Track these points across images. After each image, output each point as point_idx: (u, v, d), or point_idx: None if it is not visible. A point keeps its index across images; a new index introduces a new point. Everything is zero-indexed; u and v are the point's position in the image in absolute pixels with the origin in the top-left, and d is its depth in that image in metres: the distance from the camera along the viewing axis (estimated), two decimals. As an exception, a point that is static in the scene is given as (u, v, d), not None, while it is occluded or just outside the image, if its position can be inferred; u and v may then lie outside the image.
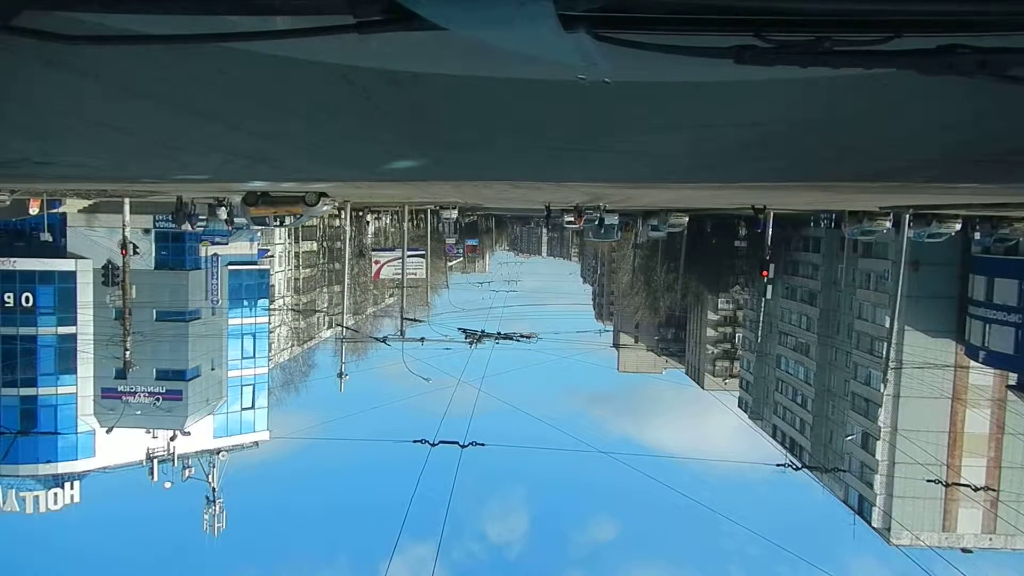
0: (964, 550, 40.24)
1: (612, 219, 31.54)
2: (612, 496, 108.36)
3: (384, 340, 38.92)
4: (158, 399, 41.32)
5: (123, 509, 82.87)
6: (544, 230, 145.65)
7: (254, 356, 48.03)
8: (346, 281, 46.14)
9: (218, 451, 43.30)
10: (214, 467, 43.13)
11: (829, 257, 53.53)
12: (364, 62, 3.37)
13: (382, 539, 67.18)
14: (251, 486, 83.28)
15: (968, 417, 43.30)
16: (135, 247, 32.75)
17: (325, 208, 20.76)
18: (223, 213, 30.87)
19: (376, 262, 53.60)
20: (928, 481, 34.86)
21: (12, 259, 38.64)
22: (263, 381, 48.77)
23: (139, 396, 41.04)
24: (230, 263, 45.06)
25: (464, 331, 36.61)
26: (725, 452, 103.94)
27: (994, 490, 40.39)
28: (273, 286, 54.19)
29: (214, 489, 42.18)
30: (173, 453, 42.31)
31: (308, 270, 63.32)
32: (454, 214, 48.34)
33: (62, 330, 40.28)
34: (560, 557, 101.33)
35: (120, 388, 40.76)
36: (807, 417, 56.94)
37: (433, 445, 21.36)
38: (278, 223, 22.02)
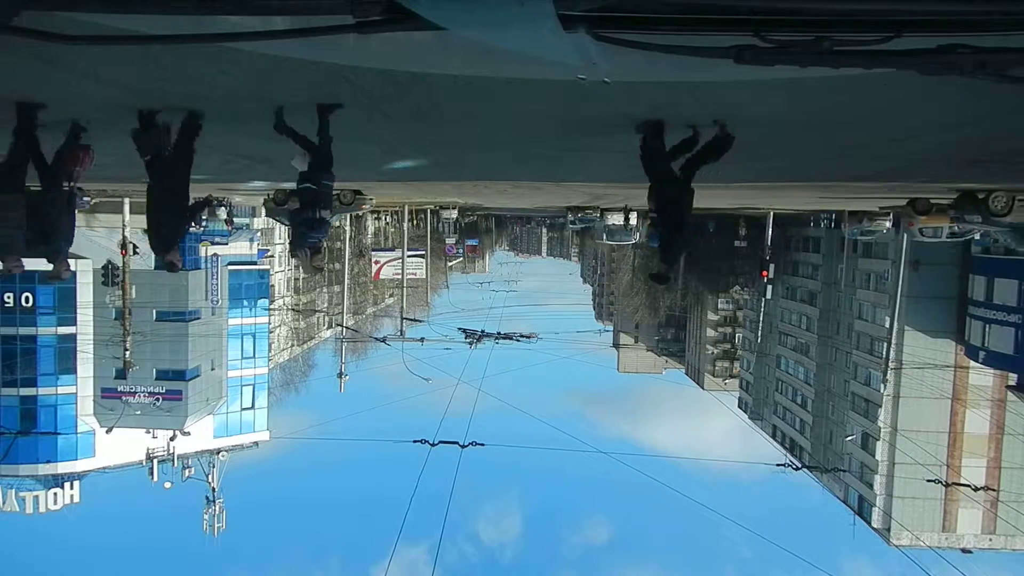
0: (964, 550, 40.22)
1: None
2: (612, 496, 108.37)
3: (384, 340, 38.90)
4: (158, 399, 41.29)
5: (123, 509, 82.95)
6: (544, 230, 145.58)
7: (254, 356, 48.00)
8: (346, 281, 46.14)
9: (218, 451, 43.23)
10: (214, 467, 43.08)
11: (829, 257, 53.51)
12: (364, 62, 3.37)
13: (380, 540, 67.22)
14: (251, 486, 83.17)
15: (968, 417, 43.27)
16: (135, 247, 32.67)
17: None
18: (223, 213, 30.85)
19: (376, 262, 53.53)
20: (928, 481, 34.79)
21: (12, 259, 38.58)
22: (263, 381, 48.73)
23: (139, 396, 41.00)
24: (230, 263, 45.05)
25: (464, 331, 36.55)
26: (725, 452, 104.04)
27: (994, 490, 40.36)
28: (273, 286, 54.16)
29: (214, 489, 42.13)
30: (173, 453, 42.26)
31: (308, 270, 63.28)
32: (454, 214, 48.32)
33: (62, 330, 40.25)
34: (559, 558, 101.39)
35: (120, 388, 40.72)
36: (807, 417, 56.93)
37: (433, 445, 21.27)
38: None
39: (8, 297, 39.27)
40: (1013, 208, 13.47)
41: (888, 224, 30.66)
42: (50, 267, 5.91)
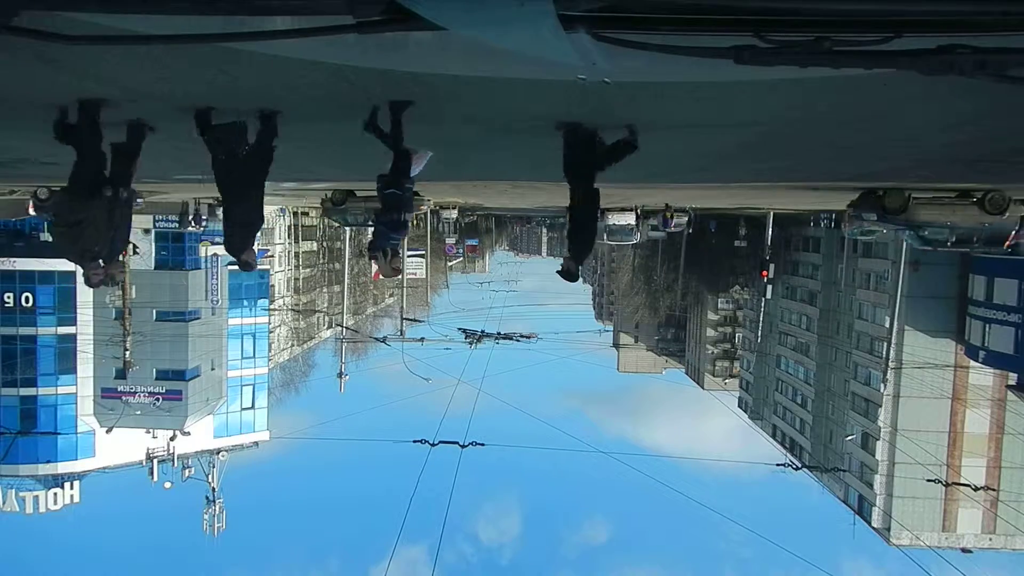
0: (964, 550, 40.21)
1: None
2: (612, 496, 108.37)
3: (384, 340, 38.89)
4: (158, 399, 41.29)
5: (123, 509, 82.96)
6: (544, 230, 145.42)
7: (254, 356, 48.00)
8: (346, 281, 46.14)
9: (218, 451, 43.22)
10: (214, 467, 43.09)
11: (829, 257, 53.51)
12: (364, 62, 3.37)
13: (380, 540, 67.21)
14: (251, 486, 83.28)
15: (968, 417, 43.26)
16: (135, 247, 32.66)
17: None
18: (223, 213, 30.88)
19: (376, 262, 53.40)
20: (928, 481, 34.79)
21: (12, 259, 38.60)
22: (263, 381, 48.73)
23: (139, 396, 41.01)
24: (230, 263, 44.94)
25: (464, 331, 36.54)
26: (725, 452, 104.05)
27: (994, 490, 40.36)
28: (273, 286, 54.16)
29: (214, 489, 42.14)
30: (173, 453, 42.27)
31: (308, 270, 63.29)
32: (454, 214, 48.23)
33: (62, 330, 40.25)
34: (558, 558, 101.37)
35: (120, 388, 40.73)
36: (807, 417, 56.93)
37: (433, 445, 21.28)
38: None
39: (8, 297, 39.29)
40: (908, 206, 13.62)
41: (888, 224, 30.54)
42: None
